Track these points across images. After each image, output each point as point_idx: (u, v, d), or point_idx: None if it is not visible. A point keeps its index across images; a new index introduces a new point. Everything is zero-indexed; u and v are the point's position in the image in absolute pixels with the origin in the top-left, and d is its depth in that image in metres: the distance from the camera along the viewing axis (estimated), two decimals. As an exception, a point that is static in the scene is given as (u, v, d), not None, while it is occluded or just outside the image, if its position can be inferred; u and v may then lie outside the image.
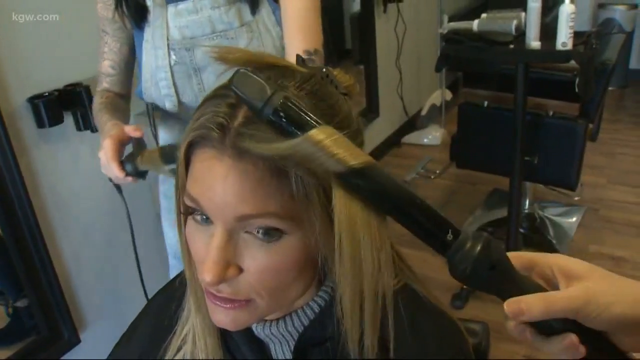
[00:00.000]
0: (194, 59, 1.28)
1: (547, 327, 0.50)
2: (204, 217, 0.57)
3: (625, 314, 0.48)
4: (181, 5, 1.26)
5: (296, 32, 1.20)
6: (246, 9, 1.26)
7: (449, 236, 0.50)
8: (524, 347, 2.24)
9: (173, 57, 1.28)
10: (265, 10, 1.28)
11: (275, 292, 0.58)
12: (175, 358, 0.71)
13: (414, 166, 3.69)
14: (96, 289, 1.91)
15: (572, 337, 0.49)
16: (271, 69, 0.58)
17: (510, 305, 0.49)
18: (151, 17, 1.28)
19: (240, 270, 0.56)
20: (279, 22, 1.27)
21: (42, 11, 1.63)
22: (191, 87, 1.31)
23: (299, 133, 0.48)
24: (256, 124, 0.52)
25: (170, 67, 1.29)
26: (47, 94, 1.64)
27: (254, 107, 0.49)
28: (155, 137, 1.87)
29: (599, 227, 2.96)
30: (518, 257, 0.53)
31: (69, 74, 1.72)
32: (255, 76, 0.47)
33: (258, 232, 0.55)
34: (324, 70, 0.61)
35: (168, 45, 1.28)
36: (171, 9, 1.26)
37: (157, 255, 2.07)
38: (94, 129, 1.73)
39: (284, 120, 0.48)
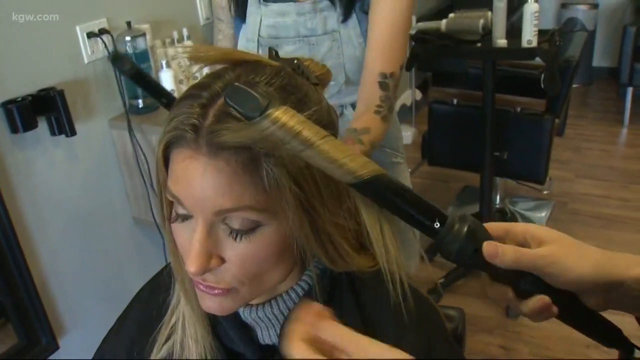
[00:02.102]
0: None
1: (522, 290, 0.56)
2: (185, 216, 0.61)
3: (587, 274, 0.54)
4: (272, 6, 1.32)
5: (377, 53, 1.22)
6: (333, 18, 1.29)
7: (436, 224, 0.54)
8: (498, 338, 2.30)
9: (261, 52, 1.34)
10: (352, 21, 1.29)
11: (256, 278, 0.62)
12: (165, 346, 0.73)
13: (387, 165, 3.73)
14: (75, 294, 1.90)
15: (545, 298, 0.55)
16: (242, 65, 0.61)
17: (489, 246, 0.54)
18: (249, 10, 1.35)
19: (222, 260, 0.60)
20: (363, 34, 1.28)
21: (17, 11, 1.62)
22: None
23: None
24: (226, 119, 0.55)
25: None
26: (20, 99, 1.63)
27: (250, 120, 0.50)
28: (135, 140, 1.88)
29: (568, 220, 3.04)
30: (494, 227, 0.59)
31: (42, 78, 1.71)
32: (248, 89, 0.49)
33: (237, 231, 0.59)
34: (295, 61, 0.64)
35: (258, 40, 1.34)
36: (264, 7, 1.33)
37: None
38: (68, 134, 1.73)
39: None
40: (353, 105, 1.37)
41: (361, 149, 1.14)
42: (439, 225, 0.54)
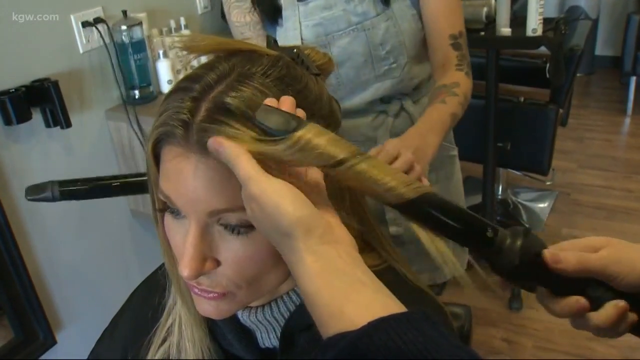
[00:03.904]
0: (330, 55, 1.23)
1: (592, 299, 0.54)
2: (177, 212, 0.57)
3: None
4: (312, 3, 1.20)
5: (441, 17, 1.20)
6: None
7: (489, 233, 0.52)
8: (502, 331, 2.28)
9: None
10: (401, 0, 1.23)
11: (254, 282, 0.59)
12: (161, 349, 0.71)
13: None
14: (72, 288, 1.87)
15: (620, 303, 0.53)
16: (237, 55, 0.58)
17: (550, 252, 0.53)
18: (284, 15, 1.23)
19: (218, 263, 0.57)
20: (413, 4, 1.23)
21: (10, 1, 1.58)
22: (328, 82, 1.27)
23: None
24: (219, 117, 0.51)
25: None
26: (13, 90, 1.59)
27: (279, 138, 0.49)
28: (135, 131, 1.84)
29: (571, 211, 3.01)
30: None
31: (36, 69, 1.67)
32: (278, 109, 0.47)
33: (232, 229, 0.56)
34: (295, 50, 0.61)
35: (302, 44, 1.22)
36: (302, 7, 1.21)
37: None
38: (63, 125, 1.69)
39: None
40: (411, 95, 1.32)
41: (456, 100, 1.12)
42: (492, 241, 0.52)
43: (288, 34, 1.23)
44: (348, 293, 0.45)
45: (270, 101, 0.52)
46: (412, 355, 0.39)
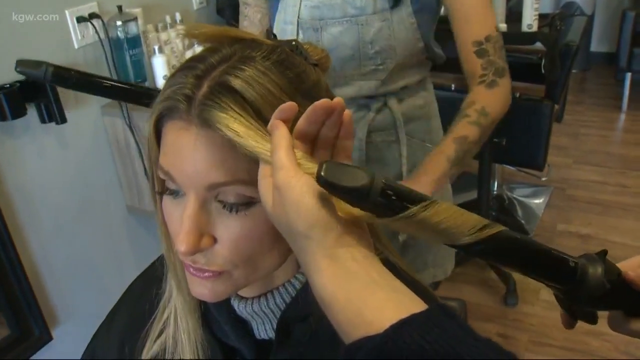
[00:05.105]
0: (320, 40, 1.22)
1: None
2: (176, 191, 0.58)
3: None
4: None
5: (462, 23, 1.18)
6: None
7: (571, 263, 0.52)
8: (497, 326, 2.29)
9: (301, 35, 1.24)
10: (404, 6, 1.20)
11: (250, 261, 0.59)
12: (158, 341, 0.71)
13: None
14: (68, 284, 1.87)
15: None
16: (238, 42, 0.60)
17: (629, 273, 0.54)
18: None
19: (215, 240, 0.57)
20: (415, 13, 1.21)
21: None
22: None
23: (410, 206, 0.46)
24: (220, 94, 0.52)
25: None
26: (8, 85, 1.59)
27: (358, 194, 0.46)
28: (131, 128, 1.84)
29: (566, 207, 3.02)
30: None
31: (30, 64, 1.67)
32: (346, 164, 0.46)
33: (230, 206, 0.56)
34: (293, 42, 0.62)
35: (298, 22, 1.23)
36: None
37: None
38: (58, 121, 1.69)
39: (394, 197, 0.47)
40: (397, 93, 1.29)
41: (483, 130, 1.12)
42: (575, 270, 0.52)
43: (288, 9, 1.24)
44: (363, 296, 0.45)
45: (281, 105, 0.51)
46: (437, 355, 0.39)
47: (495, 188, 3.05)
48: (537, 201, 3.07)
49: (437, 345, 0.40)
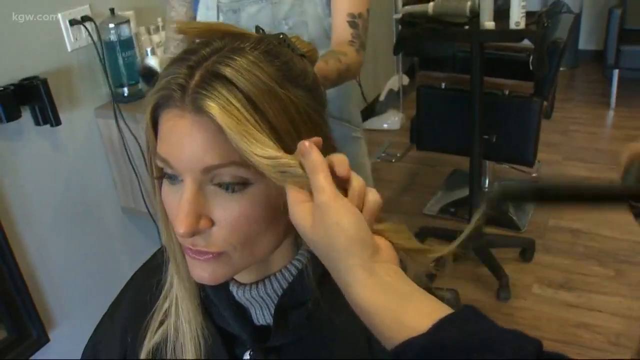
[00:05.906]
0: (240, 21, 1.35)
1: None
2: (174, 176, 0.60)
3: None
4: None
5: None
6: None
7: None
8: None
9: (221, 18, 1.35)
10: None
11: (247, 242, 0.61)
12: (159, 331, 0.73)
13: (375, 151, 3.73)
14: (64, 286, 1.88)
15: None
16: (227, 35, 0.63)
17: None
18: None
19: (212, 222, 0.60)
20: None
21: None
22: None
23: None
24: (211, 82, 0.56)
25: None
26: (2, 88, 1.60)
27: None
28: (124, 127, 1.85)
29: (556, 202, 3.05)
30: None
31: (24, 67, 1.68)
32: (513, 183, 0.52)
33: (226, 187, 0.59)
34: (281, 36, 0.66)
35: (218, 7, 1.35)
36: None
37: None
38: (53, 123, 1.70)
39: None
40: None
41: (338, 66, 1.16)
42: None
43: None
44: (401, 304, 0.50)
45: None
46: (476, 346, 0.45)
47: (487, 184, 3.08)
48: (528, 197, 3.10)
49: (475, 337, 0.45)
